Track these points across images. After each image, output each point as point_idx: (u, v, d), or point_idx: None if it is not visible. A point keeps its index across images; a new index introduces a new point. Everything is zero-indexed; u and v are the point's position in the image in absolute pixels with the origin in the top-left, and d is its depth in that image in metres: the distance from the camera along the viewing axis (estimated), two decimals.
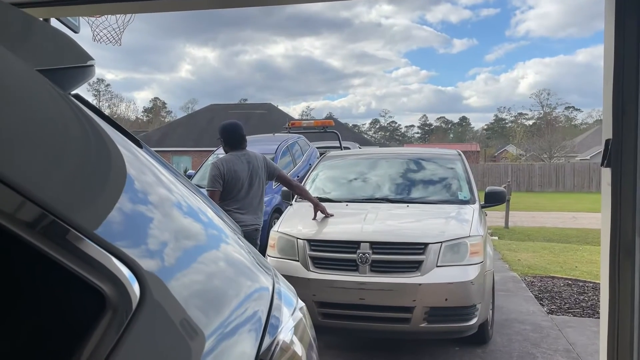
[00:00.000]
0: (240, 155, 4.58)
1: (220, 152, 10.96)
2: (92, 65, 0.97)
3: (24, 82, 0.78)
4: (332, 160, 6.34)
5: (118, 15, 4.05)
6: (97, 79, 67.43)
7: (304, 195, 4.86)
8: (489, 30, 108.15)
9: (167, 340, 0.83)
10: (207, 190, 4.44)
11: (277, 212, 8.15)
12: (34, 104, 0.78)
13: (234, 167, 4.47)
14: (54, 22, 2.69)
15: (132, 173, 0.94)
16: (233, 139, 4.64)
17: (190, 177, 10.68)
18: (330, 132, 12.36)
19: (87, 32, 4.16)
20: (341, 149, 11.14)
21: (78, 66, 0.95)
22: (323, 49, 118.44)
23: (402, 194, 5.32)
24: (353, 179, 5.77)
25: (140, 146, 1.08)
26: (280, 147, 10.12)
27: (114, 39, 4.16)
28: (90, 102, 0.97)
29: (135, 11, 3.43)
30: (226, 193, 4.45)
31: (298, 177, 8.81)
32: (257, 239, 4.64)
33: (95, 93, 66.96)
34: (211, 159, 10.81)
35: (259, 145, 10.10)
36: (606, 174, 2.05)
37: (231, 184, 4.44)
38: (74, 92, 0.94)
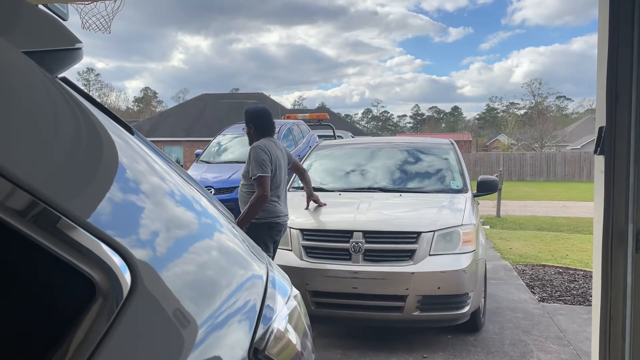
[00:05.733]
0: (276, 142, 4.21)
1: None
2: (80, 48, 0.95)
3: (10, 65, 0.76)
4: (325, 149, 6.33)
5: (107, 2, 3.99)
6: (87, 68, 66.80)
7: (307, 184, 4.74)
8: (485, 19, 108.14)
9: (159, 329, 0.81)
10: (261, 176, 3.86)
11: None
12: (20, 87, 0.76)
13: (276, 154, 4.06)
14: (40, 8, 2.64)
15: (124, 161, 0.92)
16: (272, 123, 4.26)
17: (197, 155, 11.08)
18: (325, 125, 12.81)
19: (76, 20, 4.10)
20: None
21: (65, 49, 0.92)
22: (317, 37, 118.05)
23: (395, 183, 5.32)
24: (346, 168, 5.76)
25: (132, 133, 1.06)
26: (282, 128, 10.39)
27: (104, 26, 4.11)
28: (79, 86, 0.95)
29: None
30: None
31: (299, 156, 9.03)
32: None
33: (85, 82, 66.32)
34: (219, 139, 11.22)
35: None
36: (599, 161, 2.05)
37: (275, 172, 4.04)
38: (61, 75, 0.91)
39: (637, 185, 1.93)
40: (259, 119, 4.20)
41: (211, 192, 9.34)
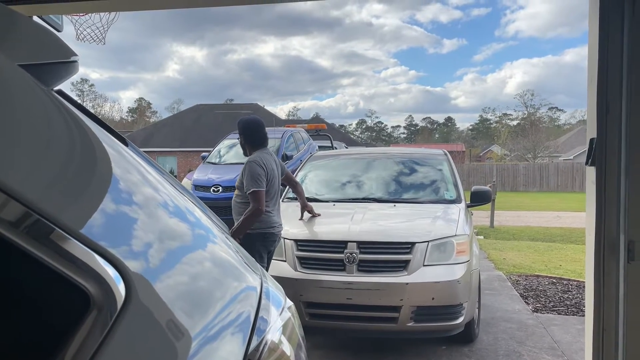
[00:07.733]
0: (270, 153, 4.22)
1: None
2: (76, 61, 0.96)
3: (5, 77, 0.77)
4: (320, 160, 6.34)
5: (102, 14, 4.00)
6: (81, 78, 66.66)
7: (300, 195, 4.75)
8: (479, 30, 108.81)
9: (153, 341, 0.81)
10: (256, 190, 3.89)
11: None
12: (16, 100, 0.77)
13: (271, 166, 4.09)
14: (36, 21, 2.65)
15: (118, 172, 0.92)
16: (265, 134, 4.25)
17: (204, 158, 11.78)
18: (322, 135, 13.35)
19: (71, 31, 4.10)
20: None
21: (61, 62, 0.93)
22: (312, 48, 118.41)
23: (389, 193, 5.33)
24: (340, 178, 5.77)
25: (126, 144, 1.06)
26: (284, 134, 11.34)
27: (98, 37, 4.11)
28: (74, 98, 0.96)
29: (119, 9, 3.40)
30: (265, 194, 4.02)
31: (301, 161, 9.36)
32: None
33: (79, 93, 66.21)
34: (225, 143, 11.94)
35: None
36: (591, 172, 2.07)
37: (270, 184, 4.06)
38: (56, 88, 0.92)
39: (628, 196, 1.95)
40: (252, 130, 4.22)
41: (219, 190, 9.51)
